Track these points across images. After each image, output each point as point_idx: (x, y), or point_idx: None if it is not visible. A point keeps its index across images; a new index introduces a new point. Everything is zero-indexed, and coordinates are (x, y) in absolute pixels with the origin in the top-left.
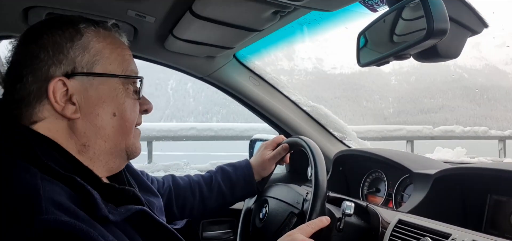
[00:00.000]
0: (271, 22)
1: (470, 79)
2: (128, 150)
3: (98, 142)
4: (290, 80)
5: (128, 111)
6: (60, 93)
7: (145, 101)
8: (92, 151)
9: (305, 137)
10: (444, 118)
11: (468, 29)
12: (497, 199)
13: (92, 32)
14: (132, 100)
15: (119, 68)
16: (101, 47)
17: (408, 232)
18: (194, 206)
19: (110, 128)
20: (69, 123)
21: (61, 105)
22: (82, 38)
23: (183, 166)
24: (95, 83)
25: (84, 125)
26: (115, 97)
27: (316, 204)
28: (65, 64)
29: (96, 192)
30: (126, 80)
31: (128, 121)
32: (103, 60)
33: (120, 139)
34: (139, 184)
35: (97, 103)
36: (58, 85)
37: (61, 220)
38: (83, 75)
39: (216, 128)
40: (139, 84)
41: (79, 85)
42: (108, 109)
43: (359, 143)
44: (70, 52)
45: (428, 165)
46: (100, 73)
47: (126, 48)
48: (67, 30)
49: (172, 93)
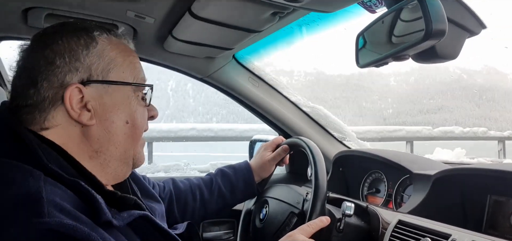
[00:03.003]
0: (270, 23)
1: (469, 80)
2: (134, 158)
3: (110, 148)
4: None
5: (139, 118)
6: (76, 100)
7: (152, 108)
8: (103, 157)
9: (305, 137)
10: (443, 119)
11: (466, 30)
12: (496, 200)
13: (105, 39)
14: (142, 107)
15: (131, 75)
16: (114, 55)
17: (408, 233)
18: (195, 209)
19: (122, 134)
20: (82, 129)
21: (77, 112)
22: (97, 45)
23: (183, 166)
24: (109, 90)
25: (98, 132)
26: (128, 104)
27: (316, 204)
28: (81, 71)
29: (100, 197)
30: (137, 88)
31: (138, 128)
32: (116, 68)
33: (130, 146)
34: (141, 189)
35: (111, 110)
36: (74, 92)
37: (63, 222)
38: (98, 83)
39: (216, 129)
40: (148, 91)
41: (95, 92)
42: (121, 116)
43: (359, 144)
44: (86, 59)
45: (428, 165)
46: (115, 81)
47: (136, 56)
48: (82, 37)
49: (172, 94)
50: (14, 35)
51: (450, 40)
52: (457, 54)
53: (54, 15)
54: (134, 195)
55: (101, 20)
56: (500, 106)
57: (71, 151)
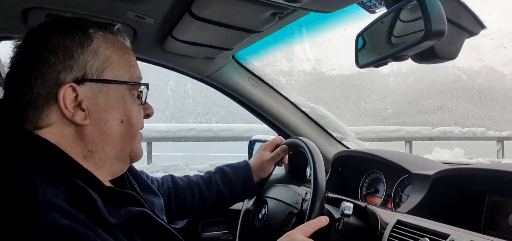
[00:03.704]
0: (269, 23)
1: (468, 80)
2: (132, 154)
3: (105, 148)
4: (289, 81)
5: (134, 117)
6: (70, 99)
7: (147, 106)
8: (98, 157)
9: (304, 137)
10: (442, 119)
11: (465, 31)
12: (495, 200)
13: (101, 37)
14: (137, 106)
15: (126, 74)
16: (110, 53)
17: (406, 233)
18: (193, 207)
19: (118, 134)
20: (76, 129)
21: (71, 111)
22: (92, 43)
23: (182, 166)
24: (104, 89)
25: (93, 132)
26: (123, 103)
27: (315, 204)
28: (75, 70)
29: (97, 195)
30: (132, 87)
31: (134, 127)
32: (112, 66)
33: (126, 145)
34: (139, 183)
35: (106, 109)
36: (68, 91)
37: (59, 223)
38: (93, 81)
39: (216, 129)
40: (143, 89)
41: (89, 91)
42: (116, 116)
43: (358, 144)
44: (81, 57)
45: (427, 166)
46: (110, 80)
47: (132, 54)
48: (77, 35)
49: (171, 94)
50: (14, 36)
51: (450, 41)
52: (456, 54)
53: (54, 16)
54: (132, 189)
55: (101, 21)
56: (499, 106)
57: (66, 150)
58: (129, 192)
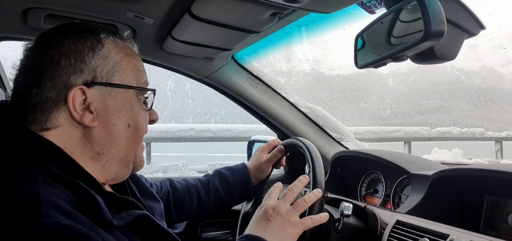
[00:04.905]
0: (269, 23)
1: (467, 81)
2: (135, 160)
3: (112, 150)
4: (288, 81)
5: (141, 121)
6: (79, 101)
7: (152, 112)
8: (105, 159)
9: (302, 138)
10: (441, 120)
11: (465, 31)
12: (494, 200)
13: (111, 42)
14: (144, 111)
15: (134, 79)
16: (119, 58)
17: (406, 233)
18: (192, 210)
19: (124, 138)
20: (84, 131)
21: (80, 113)
22: (103, 48)
23: (181, 167)
24: (113, 93)
25: (100, 134)
26: (130, 107)
27: (315, 204)
28: (85, 73)
29: (100, 197)
30: (139, 91)
31: (140, 131)
32: (121, 71)
33: (131, 149)
34: (140, 189)
35: (114, 113)
36: (78, 93)
37: (61, 223)
38: (102, 85)
39: (215, 129)
40: (150, 95)
41: (98, 94)
42: (124, 119)
43: (357, 144)
44: (92, 61)
45: (426, 166)
46: (119, 84)
47: (140, 59)
48: (88, 39)
49: (170, 95)
50: (13, 36)
51: (449, 41)
52: (455, 55)
53: (54, 16)
54: (133, 195)
55: (101, 21)
56: (498, 106)
57: (72, 152)
58: (128, 199)
